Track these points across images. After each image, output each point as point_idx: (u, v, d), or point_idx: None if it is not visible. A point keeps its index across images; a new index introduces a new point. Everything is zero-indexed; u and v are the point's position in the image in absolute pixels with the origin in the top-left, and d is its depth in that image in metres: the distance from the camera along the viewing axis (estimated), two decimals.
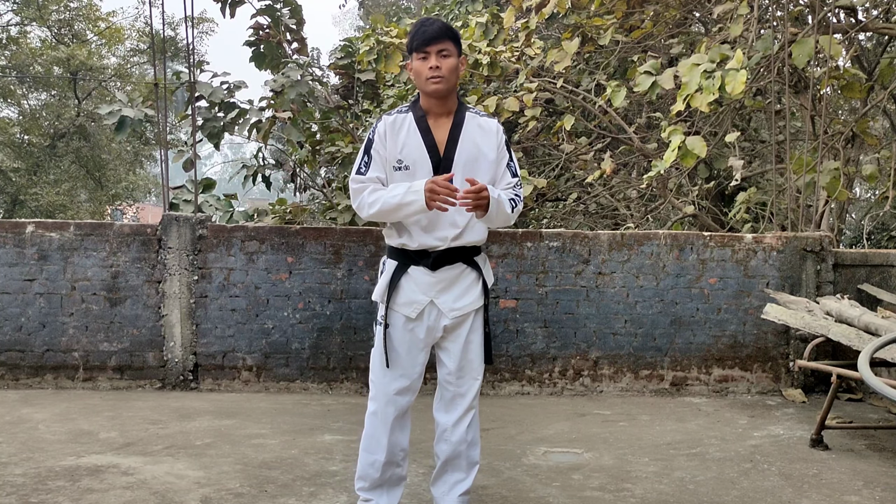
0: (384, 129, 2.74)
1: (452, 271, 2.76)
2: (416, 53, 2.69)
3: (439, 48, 2.66)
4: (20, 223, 5.32)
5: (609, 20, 7.29)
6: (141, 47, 24.21)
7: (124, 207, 26.77)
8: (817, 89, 6.33)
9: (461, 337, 2.79)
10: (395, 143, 2.72)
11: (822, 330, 4.27)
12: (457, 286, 2.77)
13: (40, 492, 3.21)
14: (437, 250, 2.72)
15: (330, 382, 5.34)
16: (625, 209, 8.97)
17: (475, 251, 2.82)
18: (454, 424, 2.82)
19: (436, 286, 2.74)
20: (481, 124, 2.78)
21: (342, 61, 8.19)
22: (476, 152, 2.73)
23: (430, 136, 2.71)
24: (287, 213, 7.27)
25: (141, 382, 5.29)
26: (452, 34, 2.70)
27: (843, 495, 3.34)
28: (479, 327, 2.83)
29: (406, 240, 2.74)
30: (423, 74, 2.67)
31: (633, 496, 3.31)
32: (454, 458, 2.85)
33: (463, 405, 2.81)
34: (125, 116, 6.60)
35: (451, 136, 2.72)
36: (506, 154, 2.80)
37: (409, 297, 2.75)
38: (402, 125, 2.74)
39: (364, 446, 2.84)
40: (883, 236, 12.37)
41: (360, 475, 2.87)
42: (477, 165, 2.73)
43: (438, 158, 2.70)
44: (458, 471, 2.87)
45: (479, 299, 2.81)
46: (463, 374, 2.80)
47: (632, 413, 4.87)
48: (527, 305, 5.38)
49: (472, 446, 2.86)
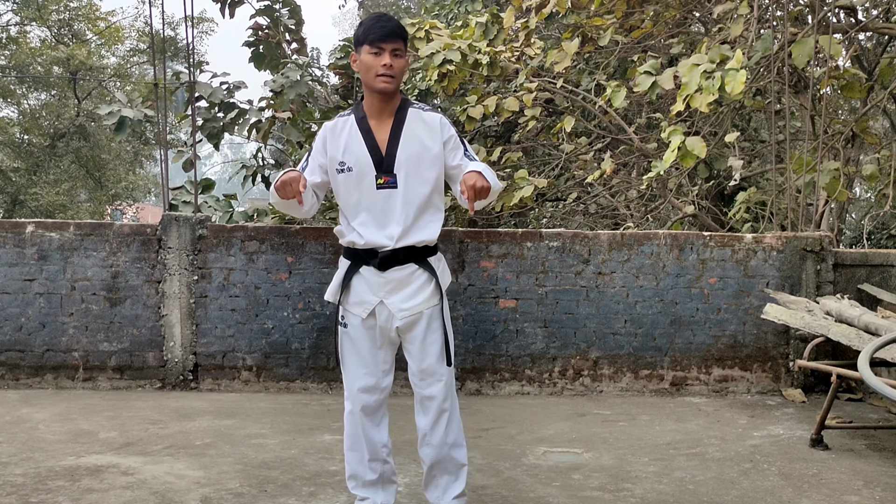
0: (325, 134, 2.79)
1: (402, 272, 2.74)
2: (368, 46, 2.67)
3: (394, 47, 2.67)
4: (20, 223, 5.32)
5: (609, 20, 7.29)
6: (141, 47, 24.19)
7: (124, 207, 26.78)
8: (817, 89, 6.33)
9: (418, 339, 2.77)
10: (336, 146, 2.75)
11: (822, 330, 4.27)
12: (407, 287, 2.75)
13: (40, 492, 3.21)
14: (386, 249, 2.71)
15: (330, 382, 5.33)
16: (625, 209, 8.97)
17: (428, 252, 2.80)
18: (431, 428, 2.82)
19: (385, 286, 2.74)
20: (424, 119, 2.77)
21: (342, 61, 8.19)
22: (419, 148, 2.73)
23: (371, 136, 2.72)
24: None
25: (141, 382, 5.29)
26: (405, 35, 2.74)
27: (843, 495, 3.34)
28: (437, 328, 2.78)
29: (354, 237, 2.76)
30: (375, 70, 2.66)
31: (633, 496, 3.31)
32: (440, 462, 2.85)
33: (434, 408, 2.79)
34: (125, 117, 6.59)
35: (392, 135, 2.72)
36: (459, 145, 2.79)
37: (360, 297, 2.77)
38: (344, 128, 2.76)
39: (348, 445, 2.88)
40: (883, 236, 12.37)
41: (349, 474, 2.91)
42: (420, 161, 2.72)
43: (380, 157, 2.71)
44: (447, 474, 2.87)
45: (430, 300, 2.77)
46: (425, 375, 2.79)
47: (632, 413, 4.87)
48: (527, 305, 5.38)
49: (454, 448, 2.85)
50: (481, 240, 5.38)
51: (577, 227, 9.64)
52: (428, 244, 2.78)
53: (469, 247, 5.35)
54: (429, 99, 9.50)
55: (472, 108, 7.28)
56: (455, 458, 2.86)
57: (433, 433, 2.81)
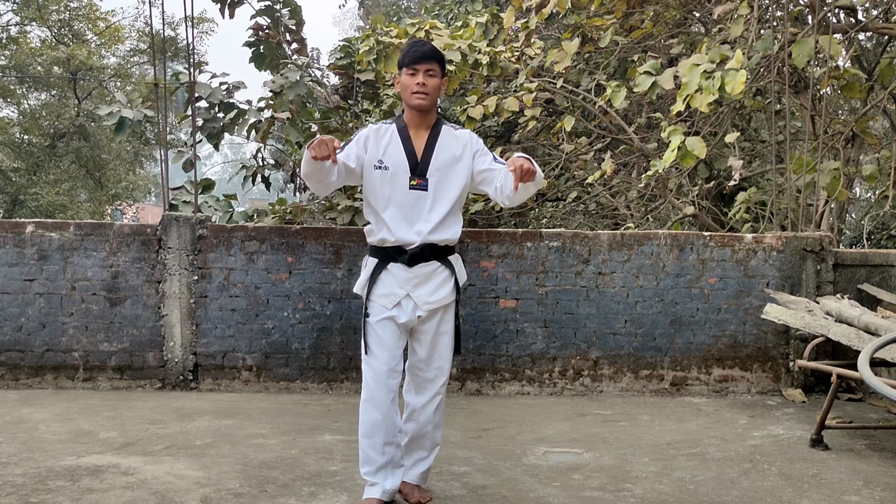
0: (369, 132, 3.11)
1: (427, 268, 3.05)
2: (405, 69, 3.03)
3: (427, 67, 3.01)
4: (20, 223, 5.32)
5: (609, 20, 7.29)
6: (141, 47, 24.19)
7: (124, 207, 26.76)
8: (817, 89, 6.33)
9: (432, 329, 3.09)
10: (377, 147, 3.06)
11: (822, 330, 4.27)
12: (431, 282, 3.06)
13: (40, 492, 3.21)
14: (413, 246, 3.00)
15: (330, 382, 5.34)
16: (625, 209, 8.97)
17: (448, 251, 3.11)
18: (423, 406, 3.13)
19: (412, 281, 3.04)
20: (456, 135, 3.13)
21: (342, 61, 8.18)
22: (451, 158, 3.07)
23: (410, 143, 3.06)
24: (287, 213, 7.27)
25: (141, 382, 5.29)
26: (440, 57, 3.06)
27: (843, 495, 3.34)
28: (450, 320, 3.13)
29: (385, 234, 3.04)
30: (410, 88, 3.01)
31: (633, 496, 3.31)
32: (419, 438, 3.16)
33: (432, 389, 3.13)
34: (124, 117, 6.60)
35: (427, 145, 3.06)
36: (487, 152, 3.12)
37: (388, 290, 3.05)
38: (387, 133, 3.09)
39: (363, 432, 3.06)
40: (883, 236, 12.37)
41: (363, 460, 3.08)
42: (451, 169, 3.07)
43: (416, 162, 3.04)
44: (422, 449, 3.18)
45: (450, 295, 3.10)
46: (432, 361, 3.11)
47: (632, 413, 4.87)
48: (527, 305, 5.38)
49: (437, 428, 3.19)
50: (481, 240, 5.38)
51: (577, 226, 9.64)
52: (449, 243, 3.10)
53: (469, 247, 5.36)
54: None
55: (472, 108, 7.28)
56: (434, 437, 3.19)
57: (424, 410, 3.13)
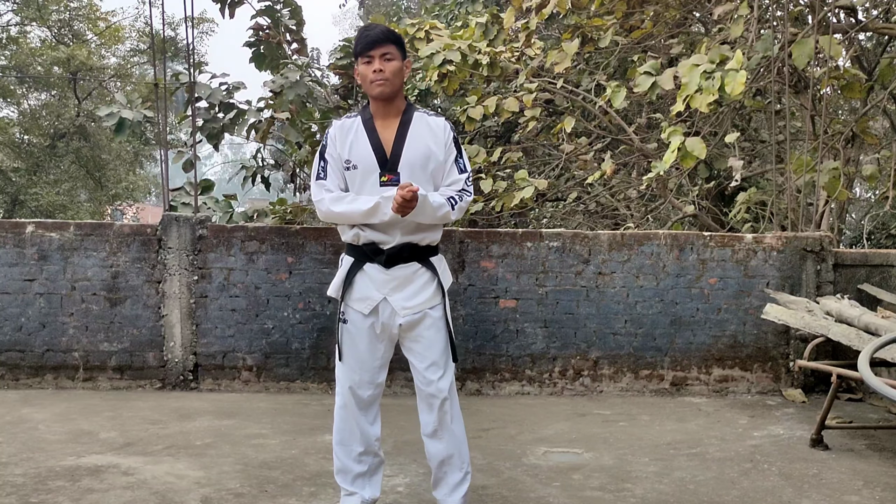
0: (334, 132, 2.85)
1: (406, 270, 2.80)
2: (360, 58, 2.79)
3: (382, 52, 2.75)
4: (20, 223, 5.32)
5: (609, 21, 7.29)
6: (141, 47, 24.20)
7: (124, 207, 26.75)
8: (817, 89, 6.33)
9: (423, 337, 2.82)
10: (343, 145, 2.81)
11: (822, 330, 4.27)
12: (411, 285, 2.81)
13: (40, 492, 3.21)
14: (390, 246, 2.77)
15: (330, 382, 5.33)
16: (625, 209, 8.97)
17: (430, 251, 2.86)
18: (440, 423, 2.84)
19: (389, 283, 2.79)
20: (430, 124, 2.85)
21: (342, 61, 8.18)
22: (426, 151, 2.80)
23: (376, 136, 2.79)
24: (287, 213, 7.27)
25: (141, 382, 5.29)
26: (395, 38, 2.79)
27: (843, 495, 3.34)
28: (441, 327, 2.84)
29: (358, 229, 2.80)
30: (368, 77, 2.76)
31: (633, 496, 3.31)
32: (450, 458, 2.86)
33: (438, 404, 2.82)
34: (124, 118, 6.60)
35: (397, 136, 2.79)
36: (453, 151, 2.85)
37: (363, 293, 2.81)
38: (351, 128, 2.83)
39: (338, 440, 2.89)
40: (883, 236, 12.37)
41: (338, 468, 2.91)
42: (426, 164, 2.79)
43: (384, 157, 2.77)
44: (458, 471, 2.88)
45: (432, 299, 2.83)
46: (430, 373, 2.82)
47: (632, 413, 4.87)
48: (527, 305, 5.38)
49: (463, 443, 2.89)
50: (481, 240, 5.38)
51: (577, 227, 9.64)
52: (431, 243, 2.85)
53: (469, 247, 5.36)
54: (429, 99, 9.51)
55: (472, 109, 7.29)
56: (463, 454, 2.88)
57: (442, 429, 2.84)
